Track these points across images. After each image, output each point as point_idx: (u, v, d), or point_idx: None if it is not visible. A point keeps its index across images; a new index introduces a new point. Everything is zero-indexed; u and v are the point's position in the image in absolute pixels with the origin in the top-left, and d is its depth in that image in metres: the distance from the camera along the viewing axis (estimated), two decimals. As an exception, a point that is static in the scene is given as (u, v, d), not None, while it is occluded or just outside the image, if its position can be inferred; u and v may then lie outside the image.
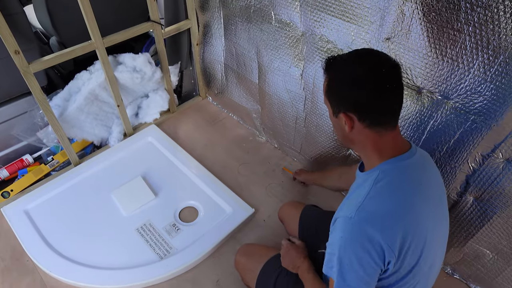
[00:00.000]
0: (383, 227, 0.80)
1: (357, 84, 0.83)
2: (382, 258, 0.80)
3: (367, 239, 0.80)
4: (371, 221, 0.81)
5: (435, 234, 0.90)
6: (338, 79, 0.87)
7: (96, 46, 1.49)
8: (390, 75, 0.83)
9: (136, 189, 1.63)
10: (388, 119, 0.86)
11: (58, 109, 1.61)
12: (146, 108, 1.87)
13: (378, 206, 0.82)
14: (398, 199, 0.83)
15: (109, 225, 1.52)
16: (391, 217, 0.81)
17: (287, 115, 1.64)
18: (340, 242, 0.82)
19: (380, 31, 1.12)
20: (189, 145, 1.86)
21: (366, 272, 0.81)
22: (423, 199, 0.86)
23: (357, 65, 0.85)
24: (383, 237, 0.79)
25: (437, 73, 1.06)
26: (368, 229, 0.80)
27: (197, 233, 1.49)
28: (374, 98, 0.82)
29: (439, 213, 0.93)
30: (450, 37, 0.98)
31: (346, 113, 0.85)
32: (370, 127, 0.85)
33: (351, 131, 0.87)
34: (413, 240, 0.82)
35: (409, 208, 0.84)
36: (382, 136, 0.86)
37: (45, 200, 1.59)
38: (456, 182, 1.20)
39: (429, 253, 0.88)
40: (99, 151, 1.80)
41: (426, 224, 0.86)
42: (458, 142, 1.12)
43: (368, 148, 0.89)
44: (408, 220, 0.83)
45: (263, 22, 1.47)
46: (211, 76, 1.98)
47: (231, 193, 1.63)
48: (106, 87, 1.66)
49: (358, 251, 0.80)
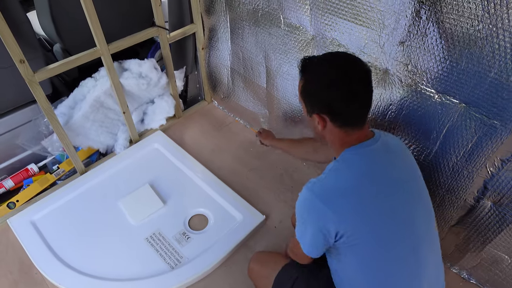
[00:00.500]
0: (329, 200, 0.89)
1: (331, 87, 0.90)
2: (323, 226, 0.89)
3: (311, 208, 0.91)
4: (318, 193, 0.90)
5: (396, 212, 0.92)
6: (313, 81, 0.93)
7: (102, 53, 1.46)
8: (363, 80, 0.91)
9: (144, 197, 1.60)
10: (357, 120, 0.93)
11: (64, 117, 1.58)
12: (152, 114, 1.84)
13: (330, 181, 0.92)
14: (351, 179, 0.91)
15: (118, 235, 1.49)
16: (340, 193, 0.89)
17: (296, 119, 1.62)
18: (296, 207, 0.96)
19: (394, 35, 1.10)
20: (196, 151, 1.84)
21: (312, 237, 0.93)
22: (385, 181, 0.92)
23: (332, 69, 0.91)
24: (328, 208, 0.88)
25: (454, 77, 1.04)
26: (313, 199, 0.90)
27: (208, 242, 1.46)
28: (347, 101, 0.89)
29: (411, 197, 0.96)
30: (468, 41, 0.95)
31: (319, 114, 0.93)
32: (341, 127, 0.93)
33: (323, 130, 0.95)
34: (356, 215, 0.89)
35: (363, 188, 0.90)
36: (349, 134, 0.94)
37: (52, 210, 1.56)
38: (474, 187, 1.18)
39: (388, 231, 0.91)
40: (105, 159, 1.77)
41: (388, 204, 0.91)
42: (476, 146, 1.09)
43: (336, 143, 0.97)
44: (361, 199, 0.89)
45: (271, 26, 1.44)
46: (217, 81, 1.95)
47: (240, 199, 1.60)
48: (111, 94, 1.63)
49: (302, 216, 0.94)
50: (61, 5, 1.54)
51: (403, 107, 1.21)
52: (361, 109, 0.92)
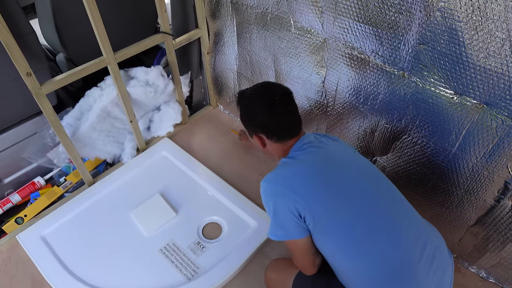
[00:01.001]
0: (285, 181, 1.02)
1: (259, 112, 1.09)
2: (291, 206, 0.97)
3: (274, 195, 1.02)
4: (273, 179, 1.05)
5: (343, 183, 1.02)
6: (246, 109, 1.13)
7: (108, 62, 1.43)
8: (284, 101, 1.08)
9: (155, 207, 1.57)
10: (290, 133, 1.10)
11: (70, 128, 1.55)
12: (158, 122, 1.81)
13: (280, 170, 1.07)
14: (296, 165, 1.05)
15: (131, 247, 1.46)
16: (292, 175, 1.03)
17: (306, 123, 1.60)
18: (262, 200, 1.07)
19: (411, 36, 1.08)
20: (204, 157, 1.81)
21: (281, 219, 1.01)
22: (327, 161, 1.05)
23: (258, 97, 1.11)
24: (287, 189, 0.99)
25: (477, 78, 1.02)
26: (271, 186, 1.04)
27: (224, 251, 1.44)
28: (273, 121, 1.08)
29: (348, 168, 1.07)
30: (488, 42, 0.94)
31: (257, 134, 1.12)
32: (278, 141, 1.10)
33: (265, 147, 1.14)
34: (309, 192, 0.98)
35: (310, 169, 1.03)
36: (288, 143, 1.11)
37: (62, 224, 1.53)
38: (494, 187, 1.17)
39: (341, 202, 0.99)
40: (113, 169, 1.74)
41: (336, 182, 1.01)
42: (497, 147, 1.08)
43: (280, 153, 1.15)
44: (311, 177, 1.01)
45: (281, 29, 1.42)
46: (223, 85, 1.92)
47: (253, 205, 1.58)
48: (118, 103, 1.60)
49: (270, 205, 1.02)
50: (65, 14, 1.51)
51: (420, 109, 1.20)
52: (289, 123, 1.09)
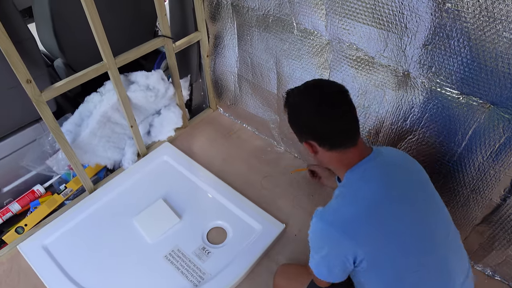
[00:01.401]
0: (343, 226, 0.88)
1: (312, 114, 0.93)
2: (342, 253, 0.88)
3: (325, 237, 0.91)
4: (330, 221, 0.90)
5: (417, 226, 0.91)
6: (295, 111, 0.98)
7: (109, 67, 1.41)
8: (339, 102, 0.93)
9: (159, 213, 1.55)
10: (346, 140, 0.94)
11: (70, 135, 1.52)
12: (159, 126, 1.79)
13: (340, 207, 0.92)
14: (360, 201, 0.90)
15: (135, 254, 1.44)
16: (352, 218, 0.89)
17: (310, 124, 1.59)
18: (310, 237, 0.95)
19: (417, 38, 1.08)
20: (206, 161, 1.80)
21: (326, 262, 0.93)
22: (391, 196, 0.91)
23: (308, 99, 0.95)
24: (343, 235, 0.87)
25: (482, 78, 1.02)
26: (326, 228, 0.90)
27: (229, 255, 1.43)
28: (327, 125, 0.92)
29: (424, 206, 0.95)
30: (496, 42, 0.94)
31: (307, 141, 0.96)
32: (331, 150, 0.94)
33: (317, 156, 0.98)
34: (385, 238, 0.88)
35: (372, 208, 0.89)
36: (345, 153, 0.95)
37: (64, 233, 1.50)
38: (500, 186, 1.17)
39: (410, 246, 0.89)
40: (113, 175, 1.72)
41: (399, 219, 0.90)
42: (504, 146, 1.09)
43: (334, 164, 0.99)
44: (374, 220, 0.88)
45: (283, 31, 1.41)
46: (223, 88, 1.91)
47: (258, 209, 1.57)
48: (118, 108, 1.58)
49: (318, 245, 0.93)
50: (64, 19, 1.48)
51: (426, 110, 1.20)
52: (345, 128, 0.94)
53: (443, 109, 1.16)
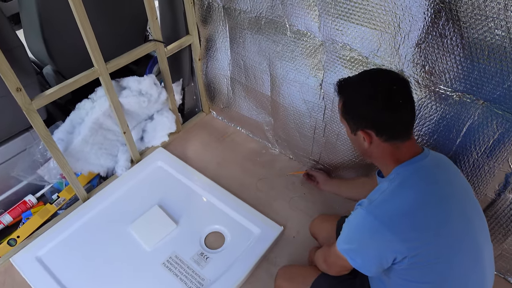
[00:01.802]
0: (392, 223, 0.85)
1: (372, 102, 0.90)
2: (384, 251, 0.86)
3: (372, 232, 0.87)
4: (379, 216, 0.86)
5: (470, 232, 0.90)
6: (353, 99, 0.95)
7: (100, 73, 1.39)
8: (402, 91, 0.91)
9: (155, 220, 1.53)
10: (403, 132, 0.93)
11: (62, 143, 1.49)
12: (152, 132, 1.77)
13: (389, 203, 0.88)
14: (410, 198, 0.88)
15: (132, 262, 1.42)
16: (401, 215, 0.86)
17: (305, 125, 1.59)
18: (349, 226, 0.92)
19: (410, 37, 1.09)
20: (201, 165, 1.78)
21: (367, 257, 0.89)
22: (442, 197, 0.89)
23: (370, 84, 0.94)
24: (391, 232, 0.84)
25: (475, 76, 1.04)
26: (374, 223, 0.86)
27: (228, 260, 1.42)
28: (389, 113, 0.89)
29: (471, 211, 0.94)
30: (489, 40, 0.95)
31: (364, 130, 0.92)
32: (387, 141, 0.92)
33: (370, 147, 0.94)
34: (431, 238, 0.85)
35: (423, 206, 0.87)
36: (399, 148, 0.93)
37: (58, 243, 1.47)
38: (495, 182, 1.19)
39: (459, 250, 0.88)
40: (107, 182, 1.69)
41: (447, 221, 0.87)
42: (498, 142, 1.10)
43: (387, 160, 0.95)
44: (422, 219, 0.86)
45: (276, 33, 1.41)
46: (216, 91, 1.90)
47: (255, 212, 1.56)
48: (110, 114, 1.55)
49: (360, 239, 0.89)
50: (53, 25, 1.45)
51: (420, 108, 1.21)
52: (404, 120, 0.92)
53: (437, 107, 1.17)
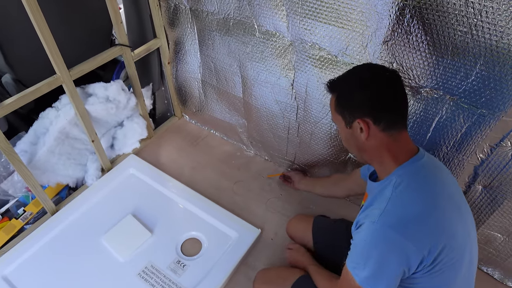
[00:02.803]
0: (409, 231, 0.81)
1: (366, 87, 0.88)
2: (407, 262, 0.81)
3: (390, 244, 0.81)
4: (394, 226, 0.81)
5: (466, 230, 0.90)
6: (348, 88, 0.92)
7: (63, 80, 1.33)
8: (394, 78, 0.91)
9: (128, 230, 1.48)
10: (399, 119, 0.90)
11: (26, 155, 1.42)
12: (122, 139, 1.71)
13: (400, 210, 0.83)
14: (419, 201, 0.84)
15: (107, 276, 1.36)
16: (415, 221, 0.81)
17: (278, 126, 1.59)
18: (363, 245, 0.85)
19: (377, 35, 1.10)
20: (175, 171, 1.74)
21: (388, 274, 0.83)
22: (445, 197, 0.88)
23: (364, 71, 0.94)
24: (409, 241, 0.80)
25: (440, 71, 1.05)
26: (391, 234, 0.81)
27: (206, 266, 1.39)
28: (384, 97, 0.87)
29: (464, 209, 0.93)
30: (453, 36, 0.97)
31: (361, 118, 0.88)
32: (385, 130, 0.88)
33: (367, 139, 0.89)
34: (447, 240, 0.82)
35: (433, 208, 0.84)
36: (396, 140, 0.89)
37: (25, 260, 1.39)
38: (464, 174, 1.22)
39: (465, 250, 0.87)
40: (77, 193, 1.62)
41: (455, 221, 0.86)
42: (466, 136, 1.13)
43: (384, 154, 0.90)
44: (435, 221, 0.83)
45: (245, 34, 1.39)
46: (187, 94, 1.86)
47: (232, 216, 1.54)
48: (77, 123, 1.49)
49: (380, 255, 0.82)
50: (8, 31, 1.37)
51: (390, 105, 1.22)
52: (399, 105, 0.89)
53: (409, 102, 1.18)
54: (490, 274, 1.41)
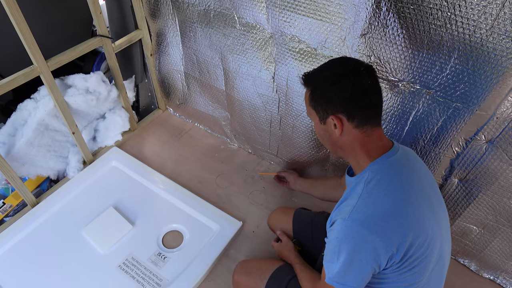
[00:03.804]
0: (377, 228, 0.81)
1: (341, 83, 0.87)
2: (376, 258, 0.82)
3: (360, 240, 0.82)
4: (363, 223, 0.82)
5: (437, 223, 0.90)
6: (322, 84, 0.90)
7: (40, 71, 1.31)
8: (368, 73, 0.88)
9: (109, 222, 1.48)
10: (373, 115, 0.89)
11: (4, 147, 1.40)
12: (104, 131, 1.70)
13: (370, 207, 0.83)
14: (390, 198, 0.84)
15: (87, 268, 1.36)
16: (384, 217, 0.82)
17: (260, 119, 1.59)
18: (336, 242, 0.85)
19: (355, 28, 1.10)
20: (158, 164, 1.74)
21: (358, 270, 0.83)
22: (417, 191, 0.88)
23: (338, 67, 0.91)
24: (378, 237, 0.80)
25: (417, 65, 1.06)
26: (360, 231, 0.81)
27: (187, 259, 1.39)
28: (359, 93, 0.86)
29: (436, 203, 0.93)
30: (428, 30, 0.98)
31: (335, 115, 0.87)
32: (358, 126, 0.88)
33: (341, 135, 0.89)
34: (415, 235, 0.83)
35: (403, 203, 0.84)
36: (369, 136, 0.89)
37: (4, 253, 1.38)
38: (441, 167, 1.23)
39: (434, 244, 0.88)
40: (58, 186, 1.61)
41: (425, 216, 0.86)
42: (442, 129, 1.14)
43: (357, 150, 0.91)
44: (405, 216, 0.83)
45: (225, 26, 1.38)
46: (171, 87, 1.85)
47: (214, 208, 1.54)
48: (56, 114, 1.48)
49: (350, 251, 0.82)
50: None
51: (368, 98, 1.23)
52: (374, 102, 0.88)
53: (385, 96, 1.19)
54: (466, 266, 1.44)
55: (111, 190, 1.61)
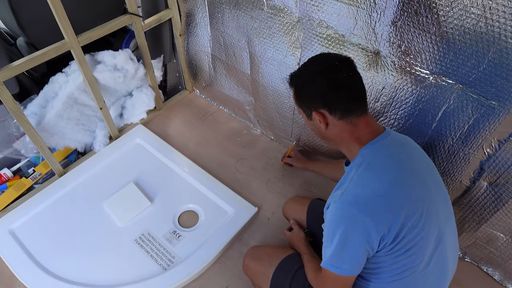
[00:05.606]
0: (367, 207, 0.82)
1: (316, 80, 0.91)
2: (368, 239, 0.83)
3: (350, 221, 0.83)
4: (352, 203, 0.84)
5: (433, 206, 0.89)
6: (301, 83, 0.96)
7: (71, 46, 1.35)
8: (344, 66, 0.91)
9: (129, 197, 1.52)
10: (355, 106, 0.91)
11: (35, 117, 1.47)
12: (131, 108, 1.74)
13: (360, 188, 0.85)
14: (380, 178, 0.86)
15: (105, 239, 1.42)
16: (374, 197, 0.83)
17: (284, 106, 1.56)
18: (328, 225, 0.88)
19: (385, 14, 1.04)
20: (180, 144, 1.76)
21: (352, 253, 0.85)
22: (409, 173, 0.88)
23: (314, 64, 0.95)
24: (368, 217, 0.82)
25: (450, 57, 0.99)
26: (350, 211, 0.83)
27: (200, 239, 1.41)
28: (335, 88, 0.89)
29: (432, 186, 0.92)
30: (465, 19, 0.90)
31: (317, 110, 0.91)
32: (343, 118, 0.90)
33: (327, 128, 0.93)
34: (407, 215, 0.83)
35: (394, 184, 0.85)
36: (355, 124, 0.91)
37: (31, 217, 1.47)
38: (470, 168, 1.16)
39: (430, 226, 0.87)
40: (84, 158, 1.67)
41: (418, 197, 0.86)
42: (473, 128, 1.06)
43: (346, 139, 0.93)
44: (395, 196, 0.84)
45: (253, 8, 1.35)
46: (198, 68, 1.85)
47: (231, 192, 1.55)
48: (85, 89, 1.52)
49: (342, 232, 0.84)
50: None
51: (396, 90, 1.17)
52: (352, 94, 0.90)
53: (413, 89, 1.13)
54: (490, 274, 1.36)
55: (133, 166, 1.65)
